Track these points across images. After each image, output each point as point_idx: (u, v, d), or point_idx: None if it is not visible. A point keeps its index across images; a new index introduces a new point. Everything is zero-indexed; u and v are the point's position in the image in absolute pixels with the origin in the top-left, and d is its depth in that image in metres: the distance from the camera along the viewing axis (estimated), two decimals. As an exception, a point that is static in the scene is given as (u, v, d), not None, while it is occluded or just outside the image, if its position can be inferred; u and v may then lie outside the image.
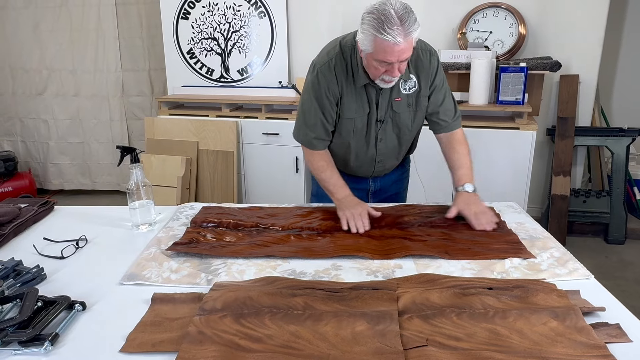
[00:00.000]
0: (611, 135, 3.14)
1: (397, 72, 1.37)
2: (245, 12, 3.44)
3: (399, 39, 1.26)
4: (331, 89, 1.50)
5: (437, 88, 1.56)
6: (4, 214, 1.50)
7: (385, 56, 1.31)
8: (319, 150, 1.61)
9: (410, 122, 1.60)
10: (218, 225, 1.51)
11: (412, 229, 1.45)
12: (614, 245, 3.13)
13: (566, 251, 1.30)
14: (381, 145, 1.63)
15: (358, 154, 1.66)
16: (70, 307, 1.06)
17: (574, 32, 3.08)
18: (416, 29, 1.29)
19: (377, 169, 1.71)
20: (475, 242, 1.35)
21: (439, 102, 1.59)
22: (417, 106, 1.57)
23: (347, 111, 1.54)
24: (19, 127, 4.22)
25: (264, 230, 1.47)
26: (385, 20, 1.26)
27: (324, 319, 0.97)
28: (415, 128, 1.66)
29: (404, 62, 1.36)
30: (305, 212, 1.60)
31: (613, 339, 0.92)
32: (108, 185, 4.24)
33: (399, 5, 1.29)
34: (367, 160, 1.68)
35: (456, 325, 0.95)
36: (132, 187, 1.49)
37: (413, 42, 1.32)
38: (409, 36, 1.28)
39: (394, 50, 1.29)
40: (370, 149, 1.63)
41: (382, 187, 1.81)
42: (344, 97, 1.52)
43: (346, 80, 1.49)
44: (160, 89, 3.95)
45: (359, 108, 1.54)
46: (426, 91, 1.55)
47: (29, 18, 3.90)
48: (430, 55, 1.53)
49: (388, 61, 1.32)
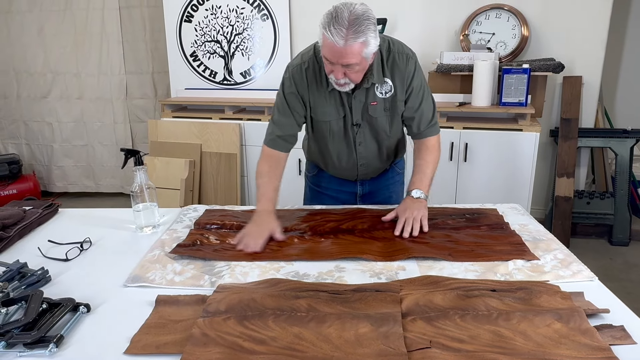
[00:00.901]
0: (615, 137, 3.13)
1: (340, 74, 1.35)
2: (248, 15, 3.45)
3: (339, 40, 1.26)
4: (300, 91, 1.52)
5: (414, 92, 1.53)
6: (8, 217, 1.51)
7: (327, 53, 1.33)
8: (273, 153, 1.57)
9: (388, 126, 1.58)
10: (221, 227, 1.51)
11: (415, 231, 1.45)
12: (618, 247, 3.12)
13: (570, 253, 1.30)
14: (361, 149, 1.62)
15: (339, 157, 1.66)
16: (75, 309, 1.07)
17: (577, 34, 3.08)
18: (361, 39, 1.26)
19: (361, 172, 1.71)
20: (479, 244, 1.35)
21: (414, 107, 1.55)
22: (393, 110, 1.55)
23: (320, 114, 1.55)
24: (24, 130, 4.24)
25: None
26: (334, 19, 1.26)
27: (328, 321, 0.98)
28: (395, 132, 1.63)
29: (351, 68, 1.34)
30: (308, 214, 1.60)
31: (617, 341, 0.91)
32: (112, 187, 4.25)
33: (359, 10, 1.27)
34: (349, 163, 1.67)
35: (460, 327, 0.95)
36: (135, 189, 1.49)
37: (361, 50, 1.29)
38: (350, 42, 1.26)
39: (334, 51, 1.29)
40: (350, 152, 1.63)
41: (371, 190, 1.79)
42: (316, 100, 1.53)
43: (318, 83, 1.50)
44: (164, 92, 3.96)
45: (332, 111, 1.53)
46: (402, 95, 1.52)
47: (33, 22, 3.93)
48: (407, 59, 1.50)
49: (329, 60, 1.33)
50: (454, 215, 1.55)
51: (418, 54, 1.61)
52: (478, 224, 1.48)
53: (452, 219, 1.52)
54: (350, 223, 1.50)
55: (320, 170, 1.81)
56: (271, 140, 1.58)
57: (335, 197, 1.80)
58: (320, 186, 1.84)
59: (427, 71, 3.15)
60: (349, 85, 1.41)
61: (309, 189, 1.90)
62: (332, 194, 1.81)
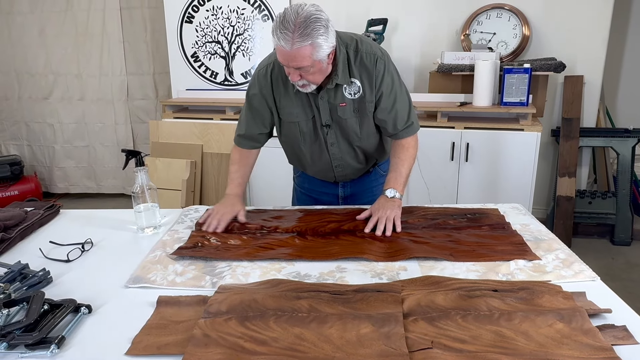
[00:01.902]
0: (616, 136, 3.12)
1: (295, 77, 1.35)
2: (248, 16, 3.45)
3: (285, 45, 1.26)
4: (264, 93, 1.53)
5: (385, 93, 1.48)
6: (10, 218, 1.51)
7: (279, 57, 1.33)
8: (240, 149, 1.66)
9: (358, 128, 1.55)
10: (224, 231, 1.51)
11: (416, 231, 1.45)
12: (620, 247, 3.12)
13: (572, 253, 1.30)
14: (334, 150, 1.60)
15: (313, 158, 1.65)
16: (76, 310, 1.07)
17: (578, 33, 3.07)
18: (307, 42, 1.25)
19: (338, 173, 1.69)
20: (480, 244, 1.35)
21: (388, 109, 1.51)
22: (362, 112, 1.52)
23: (287, 115, 1.55)
24: (25, 131, 4.25)
25: (268, 233, 1.47)
26: (281, 23, 1.26)
27: (329, 322, 0.97)
28: (367, 134, 1.58)
29: (305, 71, 1.33)
30: (308, 214, 1.60)
31: (619, 341, 0.91)
32: (113, 188, 4.26)
33: (307, 12, 1.26)
34: (323, 165, 1.66)
35: (461, 327, 0.95)
36: (137, 190, 1.49)
37: (310, 53, 1.27)
38: (297, 45, 1.25)
39: (283, 54, 1.30)
40: (323, 153, 1.62)
41: (353, 193, 1.76)
42: (282, 101, 1.53)
43: (284, 84, 1.50)
44: (165, 93, 3.97)
45: (300, 112, 1.53)
46: (371, 97, 1.49)
47: (34, 23, 3.94)
48: (376, 59, 1.45)
49: (282, 63, 1.34)
50: (455, 215, 1.55)
51: (419, 54, 1.61)
52: (479, 224, 1.48)
53: (454, 219, 1.52)
54: (351, 224, 1.50)
55: (303, 172, 1.80)
56: (236, 139, 1.66)
57: (317, 198, 1.80)
58: (304, 187, 1.84)
59: (428, 71, 3.16)
60: (309, 87, 1.41)
61: (295, 191, 1.90)
62: (314, 196, 1.81)
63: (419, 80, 3.33)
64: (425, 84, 3.20)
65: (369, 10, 3.26)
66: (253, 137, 1.63)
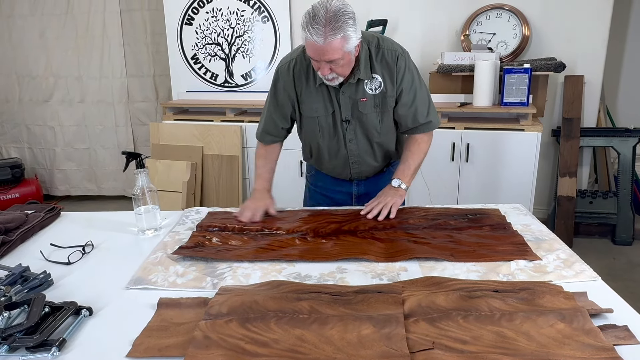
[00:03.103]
0: (617, 136, 3.12)
1: (326, 70, 1.40)
2: (248, 17, 3.45)
3: (318, 39, 1.30)
4: (287, 88, 1.58)
5: (405, 90, 1.54)
6: (11, 220, 1.51)
7: (310, 52, 1.38)
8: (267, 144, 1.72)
9: (378, 123, 1.59)
10: (223, 230, 1.51)
11: (417, 232, 1.45)
12: (621, 247, 3.11)
13: (572, 253, 1.29)
14: (352, 146, 1.64)
15: (330, 154, 1.68)
16: (77, 312, 1.07)
17: (578, 33, 3.07)
18: (339, 35, 1.30)
19: (354, 170, 1.71)
20: (481, 244, 1.35)
21: (408, 105, 1.57)
22: (383, 107, 1.56)
23: (308, 110, 1.59)
24: (26, 134, 4.26)
25: (269, 234, 1.47)
26: (311, 19, 1.31)
27: (330, 323, 0.97)
28: (386, 130, 1.63)
29: (335, 64, 1.38)
30: (310, 215, 1.60)
31: (621, 341, 0.91)
32: (114, 190, 4.26)
33: (335, 7, 1.31)
34: (340, 161, 1.69)
35: (462, 328, 0.95)
36: (137, 192, 1.50)
37: (342, 45, 1.33)
38: (330, 39, 1.30)
39: (315, 49, 1.34)
40: (340, 149, 1.65)
41: (367, 191, 1.77)
42: (303, 96, 1.57)
43: (306, 79, 1.55)
44: (165, 95, 3.97)
45: (320, 107, 1.57)
46: (392, 92, 1.55)
47: (35, 25, 3.94)
48: (398, 56, 1.51)
49: (313, 58, 1.38)
50: (456, 215, 1.55)
51: (419, 55, 1.63)
52: (480, 224, 1.48)
53: (454, 219, 1.52)
54: (351, 224, 1.50)
55: (317, 171, 1.82)
56: (258, 134, 1.72)
57: (332, 197, 1.81)
58: (317, 186, 1.85)
59: (428, 72, 3.15)
60: (337, 80, 1.45)
61: (307, 189, 1.91)
62: (328, 194, 1.82)
63: (419, 81, 3.33)
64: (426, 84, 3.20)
65: (369, 11, 3.26)
66: (274, 131, 1.68)
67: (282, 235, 1.46)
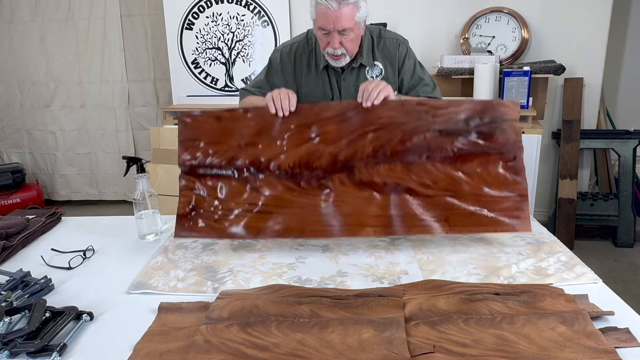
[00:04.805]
0: (617, 138, 3.12)
1: (337, 43, 1.41)
2: (248, 22, 3.46)
3: (333, 3, 1.34)
4: (284, 72, 1.59)
5: (408, 74, 1.58)
6: (12, 226, 1.51)
7: (322, 22, 1.39)
8: None
9: None
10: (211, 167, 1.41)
11: (417, 166, 1.34)
12: (622, 249, 3.10)
13: (573, 255, 1.29)
14: None
15: None
16: (78, 317, 1.07)
17: (578, 35, 3.08)
18: (352, 1, 1.35)
19: None
20: (480, 196, 1.33)
21: (416, 80, 1.60)
22: None
23: (308, 96, 1.59)
24: (27, 139, 4.26)
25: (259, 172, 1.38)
26: None
27: (330, 327, 0.97)
28: None
29: (346, 36, 1.40)
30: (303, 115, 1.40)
31: (622, 344, 0.91)
32: (115, 195, 4.26)
33: None
34: None
35: (463, 331, 0.95)
36: (138, 197, 1.50)
37: (354, 13, 1.37)
38: (344, 5, 1.35)
39: (329, 16, 1.36)
40: None
41: None
42: (303, 82, 1.59)
43: (307, 64, 1.56)
44: (166, 99, 3.98)
45: (320, 93, 1.58)
46: (394, 78, 1.58)
47: (35, 31, 3.96)
48: (399, 43, 1.57)
49: (326, 28, 1.39)
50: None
51: (418, 58, 1.62)
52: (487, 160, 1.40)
53: None
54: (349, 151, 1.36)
55: None
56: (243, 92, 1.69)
57: None
58: None
59: (427, 75, 3.16)
60: (344, 58, 1.47)
61: None
62: None
63: (419, 84, 3.33)
64: (425, 87, 3.20)
65: (368, 15, 3.27)
66: None
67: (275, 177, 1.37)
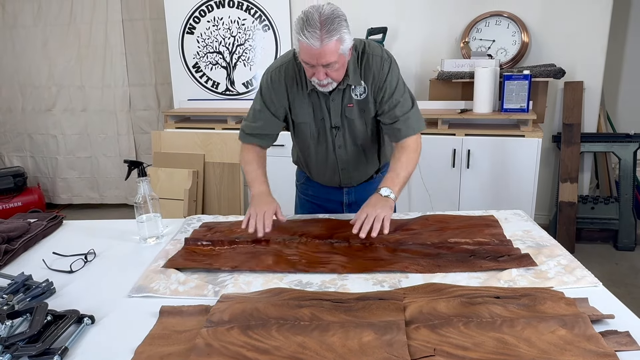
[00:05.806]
0: (618, 141, 3.12)
1: (322, 75, 1.37)
2: (249, 26, 3.48)
3: (314, 42, 1.29)
4: (277, 93, 1.54)
5: (388, 93, 1.49)
6: (13, 229, 1.52)
7: (306, 57, 1.35)
8: (250, 146, 1.62)
9: (364, 128, 1.58)
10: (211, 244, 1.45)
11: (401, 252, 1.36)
12: (623, 252, 3.10)
13: (573, 259, 1.29)
14: (340, 152, 1.62)
15: (318, 160, 1.67)
16: (80, 320, 1.07)
17: (578, 39, 3.09)
18: (335, 37, 1.30)
19: (344, 177, 1.70)
20: None
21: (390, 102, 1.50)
22: (367, 112, 1.55)
23: (299, 116, 1.57)
24: (28, 143, 4.28)
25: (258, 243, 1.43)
26: (306, 23, 1.29)
27: (331, 330, 0.98)
28: (372, 136, 1.62)
29: (331, 67, 1.36)
30: (304, 222, 1.57)
31: (623, 347, 0.91)
32: (116, 199, 4.27)
33: (328, 11, 1.31)
34: (329, 168, 1.67)
35: (464, 334, 0.95)
36: (139, 200, 1.50)
37: (337, 48, 1.32)
38: (326, 41, 1.29)
39: (312, 53, 1.32)
40: (329, 155, 1.64)
41: (357, 199, 1.73)
42: (294, 102, 1.55)
43: (297, 86, 1.52)
44: (167, 103, 3.99)
45: (310, 113, 1.56)
46: (372, 97, 1.52)
47: (37, 36, 3.98)
48: (382, 61, 1.49)
49: (309, 63, 1.36)
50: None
51: (419, 62, 1.62)
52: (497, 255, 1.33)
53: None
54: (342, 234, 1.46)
55: (307, 179, 1.81)
56: (243, 135, 1.63)
57: (322, 205, 1.80)
58: (307, 194, 1.84)
59: (428, 79, 3.17)
60: (331, 85, 1.44)
61: (298, 198, 1.90)
62: (319, 202, 1.81)
63: (419, 88, 3.34)
64: (426, 91, 3.21)
65: (368, 19, 3.28)
66: (260, 135, 1.61)
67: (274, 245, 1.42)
